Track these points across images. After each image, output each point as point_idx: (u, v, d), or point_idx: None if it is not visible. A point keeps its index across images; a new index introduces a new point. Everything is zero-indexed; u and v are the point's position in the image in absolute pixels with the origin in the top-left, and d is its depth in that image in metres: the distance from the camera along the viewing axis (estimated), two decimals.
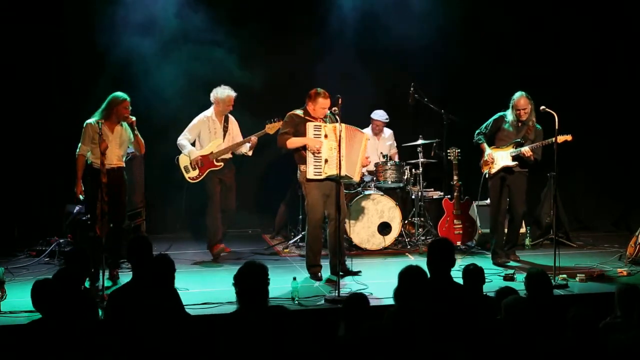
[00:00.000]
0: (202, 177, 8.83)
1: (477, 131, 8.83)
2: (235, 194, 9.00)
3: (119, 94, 7.86)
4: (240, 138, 8.98)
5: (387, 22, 10.16)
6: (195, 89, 9.74)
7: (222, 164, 8.86)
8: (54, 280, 5.37)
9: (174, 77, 9.68)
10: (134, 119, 7.86)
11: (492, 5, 10.42)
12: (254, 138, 8.82)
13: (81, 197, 7.97)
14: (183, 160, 8.89)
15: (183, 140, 8.89)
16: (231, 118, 9.00)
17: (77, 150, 7.86)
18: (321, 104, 7.92)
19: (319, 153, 7.87)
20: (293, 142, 7.94)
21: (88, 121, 7.86)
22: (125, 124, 7.90)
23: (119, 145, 7.85)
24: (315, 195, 7.94)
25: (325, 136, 7.91)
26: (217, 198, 8.86)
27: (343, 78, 9.84)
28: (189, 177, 8.87)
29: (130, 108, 7.89)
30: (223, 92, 8.84)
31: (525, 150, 8.47)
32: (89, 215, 8.22)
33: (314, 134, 7.91)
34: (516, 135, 8.65)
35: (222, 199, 8.89)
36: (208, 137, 8.86)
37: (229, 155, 8.89)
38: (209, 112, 8.91)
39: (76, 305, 5.17)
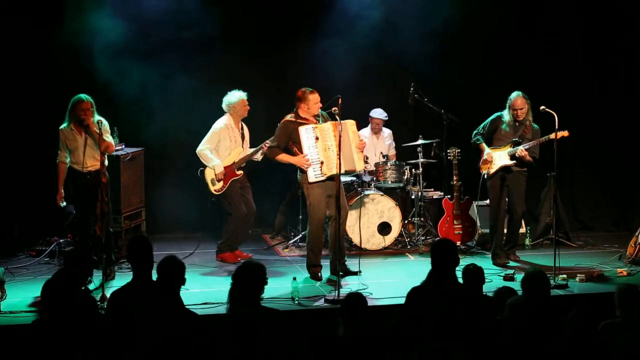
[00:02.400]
0: (226, 187, 8.75)
1: (474, 132, 8.85)
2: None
3: (79, 95, 7.86)
4: (249, 143, 8.96)
5: (387, 22, 10.15)
6: (195, 90, 9.74)
7: (242, 172, 8.83)
8: (54, 279, 5.35)
9: (174, 78, 9.67)
10: (93, 120, 7.74)
11: (493, 5, 10.41)
12: (268, 143, 8.76)
13: (62, 203, 8.02)
14: (209, 174, 8.74)
15: (206, 151, 8.68)
16: (244, 125, 8.96)
17: (57, 158, 7.97)
18: (313, 101, 7.97)
19: (315, 157, 7.88)
20: (282, 159, 8.04)
21: (60, 127, 7.95)
22: (97, 124, 7.73)
23: (93, 149, 7.83)
24: (318, 195, 7.96)
25: (317, 139, 7.91)
26: (240, 207, 8.77)
27: (343, 78, 9.83)
28: (215, 190, 8.73)
29: (93, 111, 7.81)
30: (234, 97, 8.77)
31: (520, 150, 8.46)
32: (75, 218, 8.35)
33: (307, 137, 7.91)
34: (513, 135, 8.66)
35: (245, 204, 8.85)
36: (229, 145, 8.77)
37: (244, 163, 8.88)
38: (226, 120, 8.77)
39: (77, 306, 5.16)
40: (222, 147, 8.77)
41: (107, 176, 7.94)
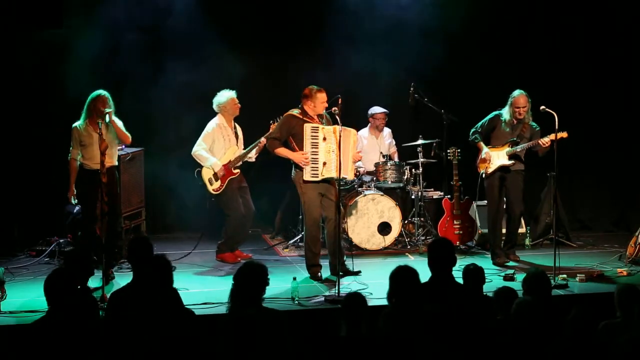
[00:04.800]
0: (224, 187, 8.75)
1: (472, 130, 8.86)
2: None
3: (96, 91, 7.96)
4: (243, 143, 8.96)
5: (387, 22, 10.15)
6: (194, 90, 9.74)
7: (238, 171, 8.83)
8: (52, 278, 5.34)
9: (174, 78, 9.67)
10: (108, 110, 7.83)
11: (493, 5, 10.42)
12: (263, 140, 8.76)
13: (73, 200, 8.05)
14: (206, 173, 8.74)
15: (202, 151, 8.70)
16: (236, 124, 8.97)
17: (69, 154, 7.99)
18: (321, 99, 7.99)
19: (315, 156, 7.89)
20: (281, 153, 8.05)
21: (74, 124, 8.01)
22: (108, 120, 7.88)
23: (108, 142, 7.85)
24: (312, 195, 7.97)
25: (324, 139, 7.92)
26: (239, 207, 8.76)
27: (342, 78, 9.83)
28: (213, 189, 8.72)
29: (111, 105, 7.91)
30: (224, 96, 8.78)
31: (545, 140, 8.38)
32: (81, 216, 8.36)
33: (312, 136, 7.92)
34: (511, 134, 8.68)
35: (243, 205, 8.85)
36: (223, 145, 8.77)
37: (240, 162, 8.87)
38: (218, 120, 8.79)
39: (77, 305, 5.16)
40: (217, 147, 8.77)
41: (116, 176, 8.02)
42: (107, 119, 7.86)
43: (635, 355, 4.54)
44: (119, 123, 8.03)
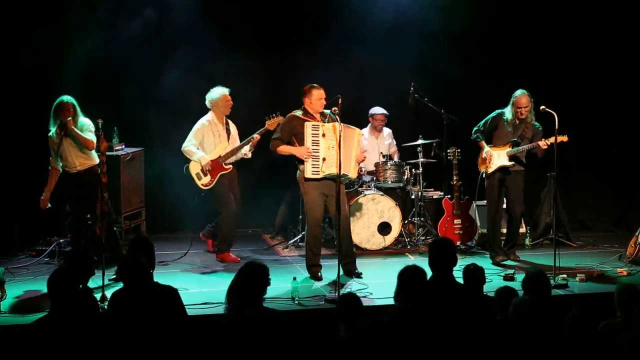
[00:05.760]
0: (214, 182, 8.76)
1: (474, 128, 8.87)
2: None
3: (60, 97, 7.96)
4: (239, 141, 8.96)
5: (387, 22, 10.15)
6: (194, 89, 9.73)
7: (230, 166, 8.82)
8: (54, 277, 5.34)
9: (174, 78, 9.67)
10: (69, 119, 7.83)
11: (493, 4, 10.42)
12: (256, 136, 8.77)
13: (47, 206, 8.12)
14: (194, 168, 8.75)
15: (190, 146, 8.72)
16: (230, 121, 8.98)
17: (49, 164, 8.10)
18: (317, 96, 7.97)
19: (316, 154, 7.89)
20: (282, 150, 8.04)
21: (49, 134, 8.05)
22: (82, 125, 7.88)
23: (77, 148, 7.91)
24: (314, 195, 7.97)
25: (323, 135, 7.93)
26: (230, 204, 8.77)
27: (342, 78, 9.83)
28: (202, 184, 8.73)
29: (76, 109, 7.91)
30: (217, 93, 8.79)
31: (545, 143, 8.42)
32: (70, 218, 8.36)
33: (312, 133, 7.93)
34: (513, 134, 8.69)
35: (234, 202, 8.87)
36: (213, 141, 8.78)
37: (234, 158, 8.87)
38: (209, 116, 8.81)
39: (77, 305, 5.16)
40: (207, 143, 8.77)
41: (96, 179, 8.05)
42: (63, 130, 7.88)
43: (635, 355, 4.54)
44: (89, 126, 7.96)
